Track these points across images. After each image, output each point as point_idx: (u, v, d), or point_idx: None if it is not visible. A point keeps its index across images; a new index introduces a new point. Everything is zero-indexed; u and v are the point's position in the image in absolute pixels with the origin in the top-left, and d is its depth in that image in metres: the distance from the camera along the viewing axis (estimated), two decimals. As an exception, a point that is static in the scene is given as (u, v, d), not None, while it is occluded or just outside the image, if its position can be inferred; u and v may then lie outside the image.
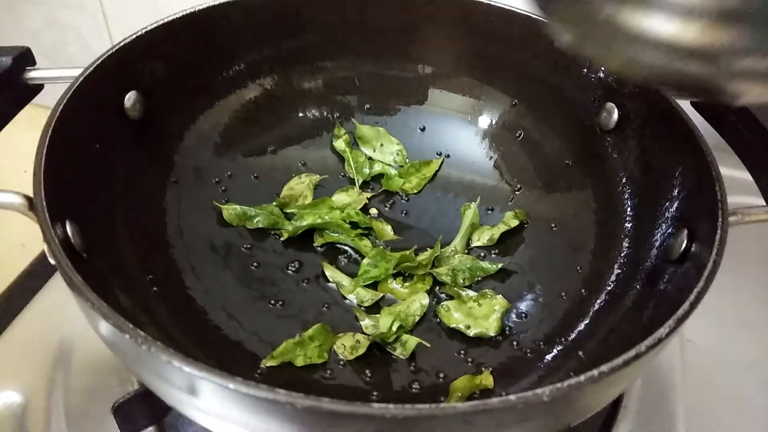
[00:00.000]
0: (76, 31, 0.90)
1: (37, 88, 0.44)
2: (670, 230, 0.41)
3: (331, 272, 0.48)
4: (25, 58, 0.43)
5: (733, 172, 0.44)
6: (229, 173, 0.53)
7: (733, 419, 0.49)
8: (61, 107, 0.38)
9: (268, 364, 0.41)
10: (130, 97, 0.45)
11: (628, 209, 0.47)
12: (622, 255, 0.45)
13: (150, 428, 0.44)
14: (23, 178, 0.40)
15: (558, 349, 0.43)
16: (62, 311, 0.52)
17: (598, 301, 0.44)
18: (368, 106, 0.58)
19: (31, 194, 0.35)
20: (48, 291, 0.54)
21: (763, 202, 0.40)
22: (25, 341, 0.50)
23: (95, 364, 0.49)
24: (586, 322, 0.43)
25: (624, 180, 0.48)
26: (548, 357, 0.43)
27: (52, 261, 0.31)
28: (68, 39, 0.91)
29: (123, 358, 0.34)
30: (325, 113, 0.58)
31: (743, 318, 0.56)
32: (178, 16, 0.47)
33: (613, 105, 0.49)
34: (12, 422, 0.46)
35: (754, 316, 0.56)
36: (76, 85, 0.40)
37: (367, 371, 0.42)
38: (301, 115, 0.57)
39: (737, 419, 0.49)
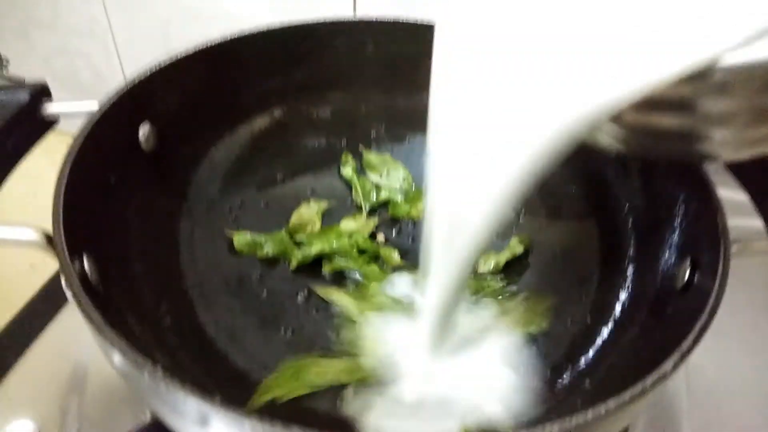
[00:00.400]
0: (87, 58, 0.92)
1: (54, 121, 0.45)
2: (673, 259, 0.41)
3: (337, 298, 0.49)
4: (42, 92, 0.44)
5: (739, 195, 0.45)
6: (240, 202, 0.54)
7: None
8: (80, 143, 0.39)
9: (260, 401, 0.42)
10: (144, 130, 0.47)
11: (632, 237, 0.47)
12: (627, 283, 0.46)
13: (162, 457, 0.45)
14: (30, 201, 0.41)
15: (565, 378, 0.43)
16: (75, 339, 0.53)
17: (605, 329, 0.45)
18: (375, 134, 0.59)
19: (44, 226, 0.36)
20: (61, 319, 0.55)
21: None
22: (38, 369, 0.51)
23: (108, 393, 0.49)
24: (593, 350, 0.44)
25: (627, 208, 0.48)
26: (556, 386, 0.43)
27: (70, 297, 0.32)
28: (79, 65, 0.93)
29: (137, 389, 0.35)
30: (333, 141, 0.59)
31: (750, 342, 0.56)
32: (190, 51, 0.48)
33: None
34: (26, 450, 0.46)
35: (761, 341, 0.57)
36: (93, 120, 0.41)
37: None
38: (309, 143, 0.58)
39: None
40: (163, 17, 0.82)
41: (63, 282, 0.35)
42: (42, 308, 0.57)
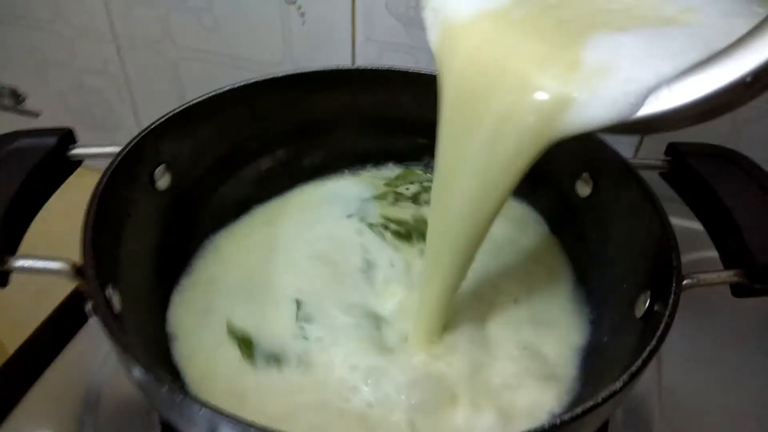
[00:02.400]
0: (100, 95, 0.97)
1: (78, 162, 0.50)
2: (633, 290, 0.46)
3: None
4: (68, 137, 0.49)
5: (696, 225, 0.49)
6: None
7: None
8: (104, 183, 0.44)
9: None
10: (159, 171, 0.51)
11: (596, 266, 0.53)
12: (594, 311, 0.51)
13: (170, 469, 0.49)
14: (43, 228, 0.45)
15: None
16: (91, 359, 0.57)
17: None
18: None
19: (68, 255, 0.40)
20: (76, 341, 0.59)
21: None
22: (57, 388, 0.55)
23: (121, 409, 0.54)
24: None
25: (595, 240, 0.54)
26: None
27: (101, 325, 0.37)
28: (92, 101, 0.99)
29: (153, 401, 0.39)
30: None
31: (721, 365, 0.61)
32: (199, 99, 0.53)
33: (588, 175, 0.55)
34: (46, 464, 0.50)
35: (732, 364, 0.61)
36: (114, 163, 0.46)
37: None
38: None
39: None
40: (173, 59, 0.87)
41: (89, 308, 0.40)
42: (56, 330, 0.61)
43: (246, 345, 0.49)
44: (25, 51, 0.95)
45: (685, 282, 0.41)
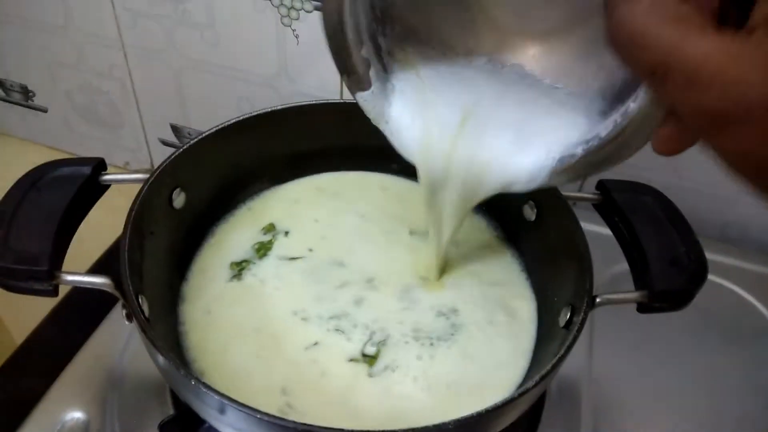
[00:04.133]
0: (106, 96, 1.04)
1: (107, 187, 0.59)
2: (559, 303, 0.57)
3: None
4: (100, 166, 0.58)
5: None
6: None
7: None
8: (136, 208, 0.54)
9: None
10: (176, 193, 0.61)
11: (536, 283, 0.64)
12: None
13: (185, 442, 0.59)
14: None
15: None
16: (111, 350, 0.67)
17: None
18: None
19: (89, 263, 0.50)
20: (103, 329, 0.69)
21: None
22: (85, 372, 0.65)
23: (140, 392, 0.63)
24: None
25: (537, 259, 0.65)
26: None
27: (138, 330, 0.47)
28: (98, 101, 1.06)
29: (174, 384, 0.50)
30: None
31: (645, 357, 0.73)
32: (211, 131, 0.62)
33: (534, 202, 0.65)
34: (78, 436, 0.60)
35: (654, 356, 0.73)
36: (144, 189, 0.55)
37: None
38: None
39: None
40: (176, 67, 0.95)
41: (124, 314, 0.50)
42: (80, 316, 0.71)
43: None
44: (36, 52, 1.02)
45: (597, 301, 0.52)
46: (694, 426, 0.66)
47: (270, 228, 0.68)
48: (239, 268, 0.64)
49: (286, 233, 0.68)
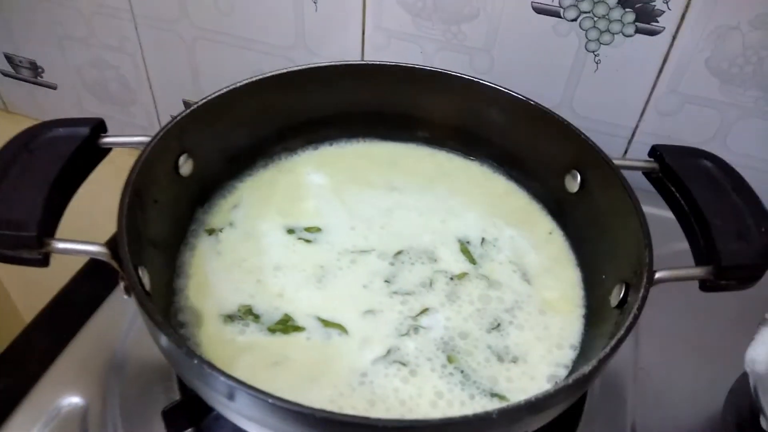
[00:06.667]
0: (117, 71, 1.00)
1: (108, 150, 0.54)
2: (610, 281, 0.51)
3: None
4: (100, 127, 0.53)
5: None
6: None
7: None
8: (136, 172, 0.48)
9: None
10: (182, 159, 0.56)
11: (583, 259, 0.58)
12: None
13: (190, 429, 0.54)
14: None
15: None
16: (114, 329, 0.62)
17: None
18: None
19: (93, 231, 0.45)
20: (102, 311, 0.64)
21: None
22: (84, 354, 0.60)
23: (143, 375, 0.58)
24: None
25: (581, 234, 0.58)
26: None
27: (133, 301, 0.42)
28: (109, 76, 1.02)
29: (178, 368, 0.44)
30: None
31: (694, 351, 0.66)
32: (218, 93, 0.57)
33: (577, 171, 0.59)
34: (76, 422, 0.55)
35: (706, 346, 0.66)
36: (146, 152, 0.50)
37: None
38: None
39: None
40: (189, 38, 0.90)
41: (123, 287, 0.45)
42: (82, 298, 0.66)
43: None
44: (45, 26, 0.98)
45: (656, 277, 0.45)
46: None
47: None
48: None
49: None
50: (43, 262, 0.45)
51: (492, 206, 0.65)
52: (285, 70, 0.60)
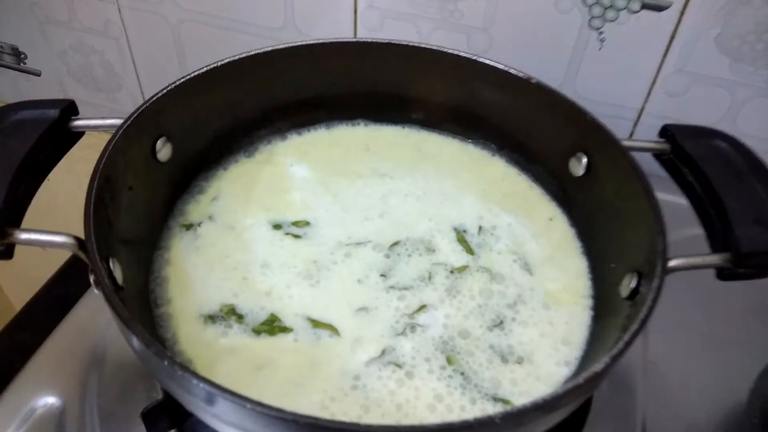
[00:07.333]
0: (101, 56, 0.97)
1: (80, 134, 0.51)
2: (620, 270, 0.47)
3: None
4: (70, 109, 0.49)
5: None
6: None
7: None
8: (106, 157, 0.45)
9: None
10: (160, 142, 0.52)
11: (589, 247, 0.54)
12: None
13: (172, 431, 0.51)
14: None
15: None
16: (93, 324, 0.59)
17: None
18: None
19: (75, 232, 0.41)
20: (81, 305, 0.61)
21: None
22: (61, 351, 0.57)
23: (124, 373, 0.55)
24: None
25: (587, 220, 0.54)
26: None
27: (101, 296, 0.38)
28: (93, 61, 0.98)
29: (152, 370, 0.41)
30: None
31: (707, 343, 0.62)
32: (200, 71, 0.53)
33: (583, 154, 0.55)
34: (52, 424, 0.52)
35: (721, 338, 0.62)
36: (117, 136, 0.47)
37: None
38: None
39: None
40: (174, 21, 0.87)
41: (92, 280, 0.41)
42: (60, 293, 0.63)
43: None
44: (26, 9, 0.94)
45: (670, 265, 0.42)
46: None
47: None
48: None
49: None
50: (6, 254, 0.41)
51: (488, 192, 0.61)
52: (268, 48, 0.56)
